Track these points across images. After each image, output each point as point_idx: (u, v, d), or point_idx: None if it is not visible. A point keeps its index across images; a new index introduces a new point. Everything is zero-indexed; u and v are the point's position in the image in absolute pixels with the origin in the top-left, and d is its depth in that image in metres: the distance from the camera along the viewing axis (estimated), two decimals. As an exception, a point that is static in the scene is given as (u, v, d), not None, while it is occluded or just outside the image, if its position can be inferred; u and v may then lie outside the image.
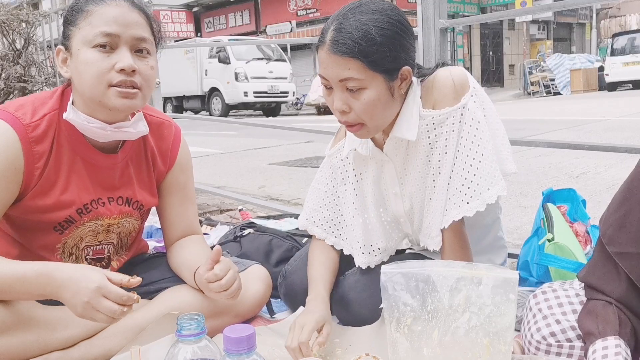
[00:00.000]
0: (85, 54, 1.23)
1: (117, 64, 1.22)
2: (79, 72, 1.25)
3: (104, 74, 1.23)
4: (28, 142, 1.24)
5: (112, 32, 1.22)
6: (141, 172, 1.45)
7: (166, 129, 1.50)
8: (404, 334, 1.07)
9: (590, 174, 4.33)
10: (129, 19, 1.25)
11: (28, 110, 1.27)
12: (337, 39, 1.20)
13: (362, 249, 1.47)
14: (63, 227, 1.34)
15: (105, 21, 1.23)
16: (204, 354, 0.95)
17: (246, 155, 6.81)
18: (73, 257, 1.40)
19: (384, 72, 1.22)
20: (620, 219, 1.08)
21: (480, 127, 1.27)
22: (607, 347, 1.02)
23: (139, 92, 1.26)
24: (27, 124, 1.25)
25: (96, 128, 1.29)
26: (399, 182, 1.40)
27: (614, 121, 8.11)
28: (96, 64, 1.22)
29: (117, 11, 1.24)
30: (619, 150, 1.92)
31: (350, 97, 1.24)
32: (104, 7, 1.24)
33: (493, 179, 1.26)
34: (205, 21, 23.67)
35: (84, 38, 1.23)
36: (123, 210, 1.41)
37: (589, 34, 25.06)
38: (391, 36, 1.21)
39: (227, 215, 3.01)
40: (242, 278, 1.49)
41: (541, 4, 16.19)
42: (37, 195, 1.28)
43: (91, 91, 1.24)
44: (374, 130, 1.31)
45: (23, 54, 4.16)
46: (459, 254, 1.33)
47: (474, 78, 1.33)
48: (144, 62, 1.27)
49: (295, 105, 16.73)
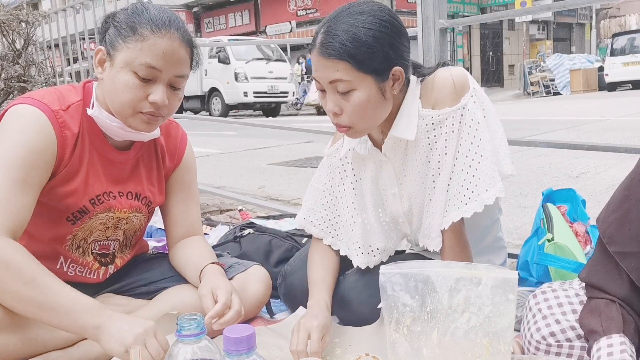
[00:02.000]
0: (126, 76, 1.26)
1: (151, 97, 1.27)
2: (115, 86, 1.27)
3: (136, 102, 1.27)
4: (59, 127, 1.28)
5: (157, 66, 1.25)
6: (151, 170, 1.49)
7: (174, 128, 1.55)
8: (404, 335, 1.07)
9: (590, 174, 4.33)
10: (176, 56, 1.28)
11: (54, 99, 1.30)
12: (325, 41, 1.21)
13: (361, 249, 1.47)
14: (76, 218, 1.36)
15: (154, 54, 1.25)
16: (204, 354, 0.95)
17: (246, 155, 6.82)
18: (80, 250, 1.42)
19: (374, 73, 1.22)
20: (620, 218, 1.07)
21: (480, 128, 1.27)
22: (612, 344, 1.01)
23: (161, 118, 1.32)
24: (56, 110, 1.28)
25: (117, 127, 1.33)
26: (397, 183, 1.40)
27: (613, 121, 8.11)
28: (132, 91, 1.26)
29: (168, 46, 1.26)
30: (618, 150, 1.92)
31: (342, 99, 1.24)
32: (157, 37, 1.25)
33: (492, 181, 1.26)
34: (205, 21, 23.66)
35: (130, 60, 1.25)
36: (133, 204, 1.44)
37: (588, 34, 25.06)
38: (380, 37, 1.20)
39: (227, 215, 3.01)
40: (242, 279, 1.50)
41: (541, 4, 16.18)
42: (61, 181, 1.31)
43: (120, 110, 1.29)
44: (364, 132, 1.32)
45: (23, 54, 4.16)
46: (459, 254, 1.33)
47: (473, 78, 1.33)
48: (175, 95, 1.32)
49: (295, 105, 16.73)
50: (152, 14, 1.28)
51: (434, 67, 1.36)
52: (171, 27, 1.28)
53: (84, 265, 1.43)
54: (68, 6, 4.12)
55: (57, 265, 1.40)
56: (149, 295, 1.48)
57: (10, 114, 1.27)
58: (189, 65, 1.34)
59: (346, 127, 1.28)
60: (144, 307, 1.42)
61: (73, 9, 4.07)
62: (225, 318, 1.23)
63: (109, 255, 1.48)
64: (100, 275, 1.46)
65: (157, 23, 1.26)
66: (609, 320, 1.05)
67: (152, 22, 1.26)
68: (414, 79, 1.33)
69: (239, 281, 1.49)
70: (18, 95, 4.02)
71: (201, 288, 1.33)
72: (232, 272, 1.51)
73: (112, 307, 1.40)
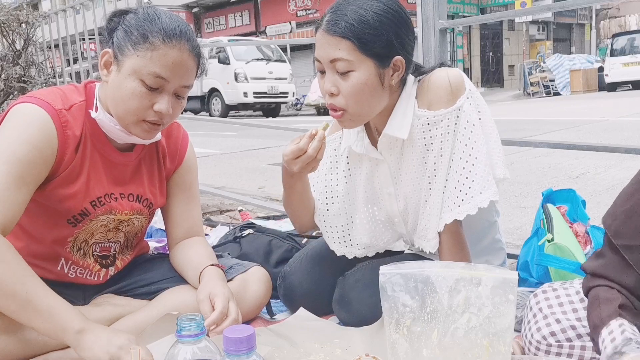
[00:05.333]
0: (133, 84, 1.24)
1: (157, 106, 1.26)
2: (121, 93, 1.26)
3: (142, 110, 1.26)
4: (61, 126, 1.26)
5: (165, 77, 1.25)
6: (152, 171, 1.48)
7: (174, 129, 1.54)
8: (403, 335, 1.07)
9: (590, 174, 4.33)
10: (184, 68, 1.27)
11: (57, 98, 1.29)
12: (332, 19, 1.23)
13: (340, 237, 1.48)
14: (77, 220, 1.35)
15: (164, 64, 1.24)
16: (204, 355, 0.95)
17: (246, 155, 6.82)
18: (81, 252, 1.41)
19: (375, 57, 1.23)
20: (627, 212, 1.08)
21: (475, 130, 1.27)
22: (612, 331, 1.02)
23: (162, 126, 1.32)
24: (59, 109, 1.27)
25: (120, 131, 1.32)
26: (393, 182, 1.40)
27: (613, 121, 8.11)
28: (138, 99, 1.25)
29: (177, 57, 1.25)
30: (618, 150, 1.92)
31: (340, 79, 1.25)
32: (168, 48, 1.24)
33: (486, 184, 1.27)
34: (205, 22, 23.67)
35: (138, 67, 1.24)
36: (134, 206, 1.43)
37: (588, 34, 25.07)
38: (386, 23, 1.22)
39: (227, 215, 3.01)
40: (243, 280, 1.50)
41: (541, 5, 16.20)
42: (62, 184, 1.30)
43: (124, 116, 1.28)
44: (357, 119, 1.31)
45: (23, 54, 4.16)
46: (457, 255, 1.33)
47: (469, 80, 1.33)
48: (179, 103, 1.32)
49: (295, 105, 16.73)
50: (164, 22, 1.26)
51: (432, 68, 1.37)
52: (182, 38, 1.26)
53: (85, 267, 1.43)
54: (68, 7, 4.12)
55: (58, 267, 1.40)
56: (149, 295, 1.47)
57: (13, 112, 1.26)
58: (195, 75, 1.34)
59: (340, 111, 1.28)
60: (143, 307, 1.42)
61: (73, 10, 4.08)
62: (221, 327, 1.23)
63: (110, 257, 1.48)
64: (100, 277, 1.46)
65: (169, 33, 1.25)
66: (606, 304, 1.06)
67: (164, 32, 1.24)
68: (411, 79, 1.33)
69: (239, 282, 1.49)
70: (18, 95, 4.02)
71: (199, 293, 1.32)
72: (232, 273, 1.51)
73: (112, 308, 1.41)
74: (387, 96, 1.30)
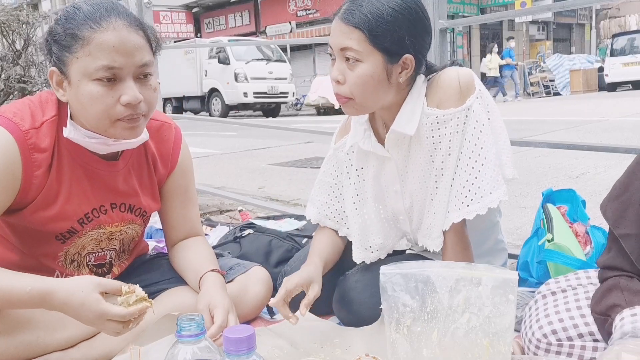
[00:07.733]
0: (88, 87, 1.16)
1: (123, 97, 1.17)
2: (82, 104, 1.18)
3: (109, 109, 1.18)
4: (27, 149, 1.19)
5: (115, 65, 1.15)
6: (143, 178, 1.43)
7: (166, 131, 1.46)
8: (404, 335, 1.07)
9: (590, 174, 4.33)
10: (130, 45, 1.16)
11: (26, 117, 1.22)
12: (349, 8, 1.24)
13: (358, 243, 1.48)
14: (65, 237, 1.33)
15: (106, 52, 1.14)
16: (204, 355, 0.95)
17: (246, 155, 6.81)
18: (75, 263, 1.39)
19: (384, 52, 1.24)
20: (624, 202, 1.10)
21: (484, 130, 1.27)
22: (636, 314, 1.01)
23: (142, 117, 1.23)
24: (26, 130, 1.20)
25: (98, 143, 1.26)
26: (399, 180, 1.40)
27: (613, 121, 8.10)
28: (101, 99, 1.16)
29: (116, 38, 1.15)
30: (618, 150, 1.92)
31: (347, 68, 1.26)
32: (101, 33, 1.14)
33: (495, 183, 1.27)
34: (205, 22, 23.66)
35: (85, 70, 1.15)
36: (125, 217, 1.39)
37: (588, 34, 25.07)
38: (400, 19, 1.23)
39: (227, 215, 3.01)
40: (243, 281, 1.50)
41: (541, 5, 16.20)
42: (40, 207, 1.25)
43: (97, 124, 1.21)
44: (361, 109, 1.31)
45: (23, 54, 4.16)
46: (460, 255, 1.33)
47: (479, 80, 1.33)
48: (147, 86, 1.22)
49: (295, 105, 16.73)
50: (85, 10, 1.17)
51: (442, 66, 1.36)
52: (111, 16, 1.16)
53: None
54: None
55: None
56: (149, 296, 1.47)
57: None
58: (149, 50, 1.22)
59: (346, 98, 1.29)
60: (143, 308, 1.42)
61: (73, 10, 4.07)
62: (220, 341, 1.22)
63: (106, 265, 1.44)
64: None
65: (94, 18, 1.15)
66: (632, 294, 1.06)
67: (89, 19, 1.15)
68: (421, 77, 1.33)
69: (240, 283, 1.49)
70: (18, 95, 4.02)
71: (198, 302, 1.31)
72: (232, 274, 1.51)
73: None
74: (393, 91, 1.30)
